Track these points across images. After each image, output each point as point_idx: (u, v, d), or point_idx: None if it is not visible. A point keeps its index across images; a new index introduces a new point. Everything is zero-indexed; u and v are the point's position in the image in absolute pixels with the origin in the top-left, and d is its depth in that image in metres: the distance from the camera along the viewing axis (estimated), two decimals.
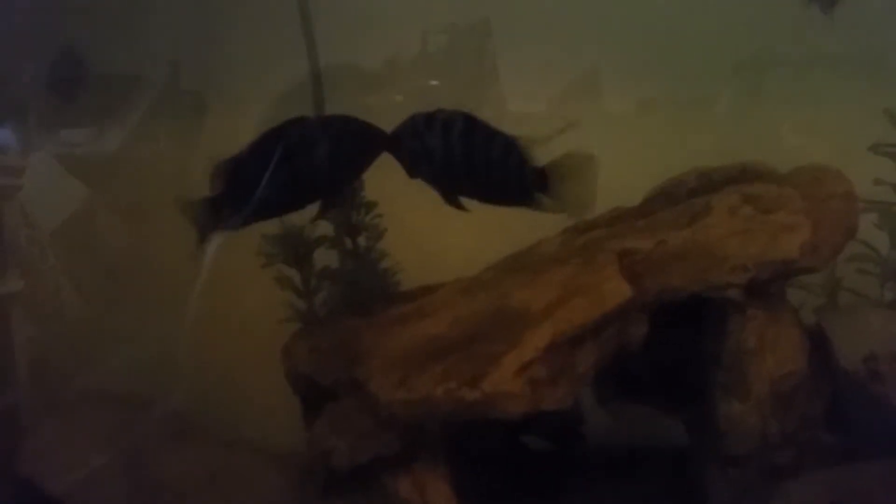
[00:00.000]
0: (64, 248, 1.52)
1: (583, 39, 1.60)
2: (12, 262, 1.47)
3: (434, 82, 1.64)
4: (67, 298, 1.52)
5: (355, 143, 1.21)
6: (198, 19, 1.58)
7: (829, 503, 1.17)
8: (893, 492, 1.16)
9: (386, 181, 1.27)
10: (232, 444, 1.39)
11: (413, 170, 1.19)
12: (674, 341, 1.31)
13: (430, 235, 1.38)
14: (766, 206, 1.28)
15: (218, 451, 1.37)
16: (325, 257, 1.40)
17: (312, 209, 1.27)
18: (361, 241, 1.38)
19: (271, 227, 1.34)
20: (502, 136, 1.15)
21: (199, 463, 1.35)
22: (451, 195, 1.18)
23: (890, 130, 1.50)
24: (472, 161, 1.15)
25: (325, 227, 1.38)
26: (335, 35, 1.55)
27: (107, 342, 1.51)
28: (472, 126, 1.15)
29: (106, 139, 1.59)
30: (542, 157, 1.17)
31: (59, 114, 1.59)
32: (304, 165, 1.18)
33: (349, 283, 1.38)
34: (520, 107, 1.65)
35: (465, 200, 1.20)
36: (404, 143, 1.18)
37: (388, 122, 1.22)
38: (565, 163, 1.16)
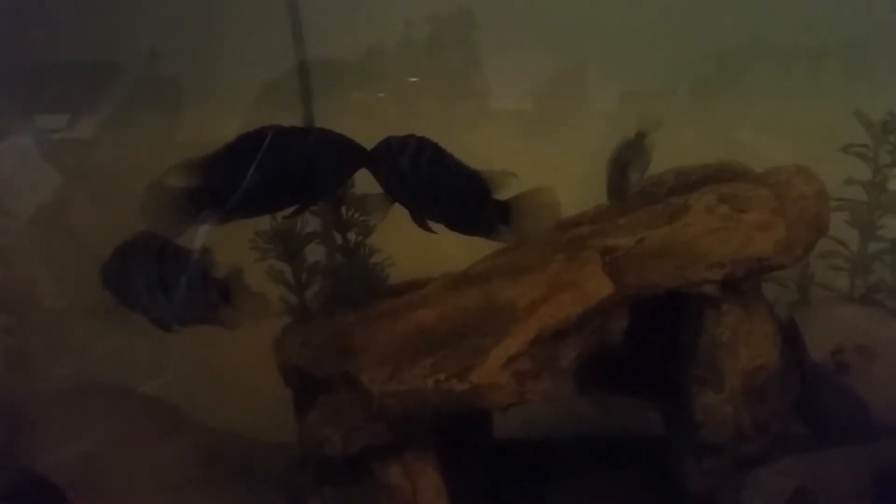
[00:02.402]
0: (40, 237, 1.52)
1: (567, 31, 1.62)
2: None
3: (414, 78, 1.65)
4: (44, 288, 1.52)
5: (333, 156, 1.22)
6: (182, 8, 1.58)
7: (796, 488, 1.23)
8: (856, 476, 1.22)
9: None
10: (226, 434, 1.42)
11: (386, 189, 1.22)
12: (652, 335, 1.36)
13: (418, 231, 1.41)
14: (741, 205, 1.32)
15: (212, 442, 1.40)
16: (316, 252, 1.43)
17: None
18: (351, 236, 1.40)
19: (264, 223, 1.37)
20: (467, 168, 1.18)
21: (194, 453, 1.38)
22: (419, 217, 1.21)
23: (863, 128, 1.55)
24: (438, 188, 1.18)
25: (317, 223, 1.41)
26: (318, 26, 1.56)
27: (85, 332, 1.52)
28: (439, 155, 1.18)
29: (82, 126, 1.57)
30: (506, 190, 1.18)
31: (33, 100, 1.58)
32: (281, 172, 1.18)
33: (340, 277, 1.41)
34: (502, 100, 1.68)
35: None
36: (379, 164, 1.20)
37: (370, 118, 1.23)
38: (527, 200, 1.18)
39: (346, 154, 1.22)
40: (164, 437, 1.41)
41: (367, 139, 1.25)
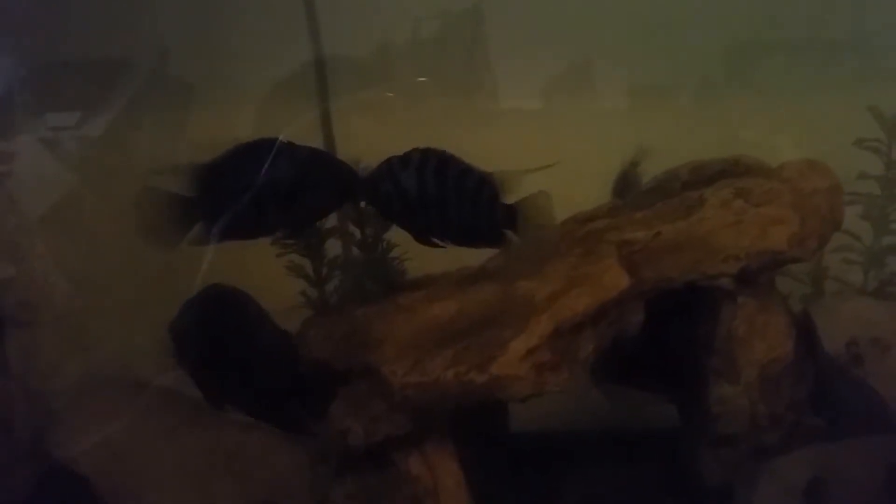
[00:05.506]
0: (52, 235, 1.52)
1: (576, 27, 1.63)
2: (1, 250, 1.47)
3: (423, 78, 1.66)
4: (57, 284, 1.51)
5: (325, 178, 1.20)
6: (195, 6, 1.60)
7: (811, 478, 1.24)
8: (869, 467, 1.24)
9: None
10: (247, 425, 1.43)
11: (386, 213, 1.21)
12: (668, 327, 1.37)
13: None
14: (756, 199, 1.33)
15: (234, 433, 1.41)
16: (336, 247, 1.45)
17: None
18: (370, 231, 1.42)
19: None
20: (477, 171, 1.16)
21: (216, 444, 1.40)
22: (423, 235, 1.20)
23: (875, 122, 1.56)
24: (446, 196, 1.15)
25: (336, 219, 1.43)
26: (329, 24, 1.58)
27: (98, 328, 1.53)
28: (446, 162, 1.17)
29: (93, 124, 1.59)
30: (514, 193, 1.19)
31: (44, 97, 1.58)
32: (269, 187, 1.17)
33: (359, 271, 1.43)
34: (512, 98, 1.69)
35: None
36: (380, 187, 1.19)
37: (380, 117, 1.23)
38: (534, 202, 1.18)
39: (339, 178, 1.20)
40: (187, 430, 1.43)
41: (378, 138, 1.25)
